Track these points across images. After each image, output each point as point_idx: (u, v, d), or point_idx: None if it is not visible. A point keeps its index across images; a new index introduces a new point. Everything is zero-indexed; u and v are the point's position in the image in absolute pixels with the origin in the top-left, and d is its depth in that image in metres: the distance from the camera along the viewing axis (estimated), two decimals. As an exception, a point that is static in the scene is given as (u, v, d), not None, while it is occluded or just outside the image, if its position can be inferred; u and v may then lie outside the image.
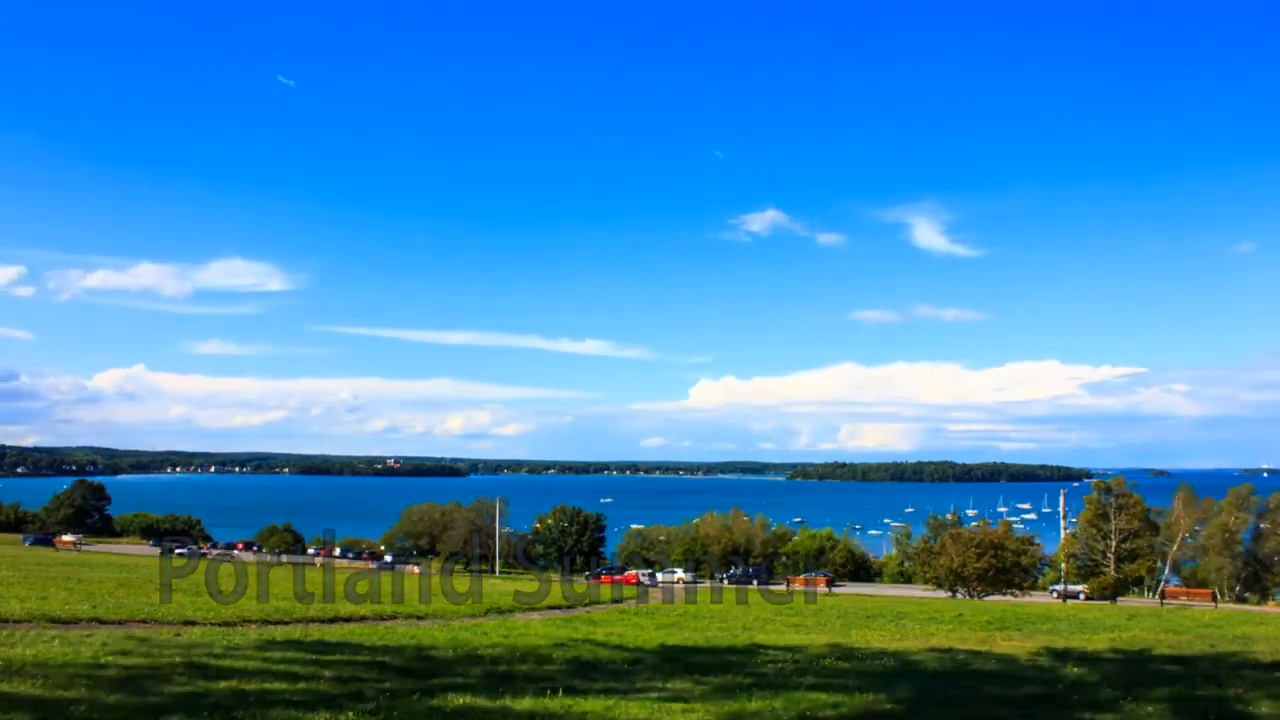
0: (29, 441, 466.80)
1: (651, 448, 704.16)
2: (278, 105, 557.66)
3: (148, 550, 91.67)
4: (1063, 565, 66.39)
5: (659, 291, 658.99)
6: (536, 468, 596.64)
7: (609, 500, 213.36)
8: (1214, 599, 60.60)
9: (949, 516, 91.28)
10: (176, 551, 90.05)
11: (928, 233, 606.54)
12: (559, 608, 33.33)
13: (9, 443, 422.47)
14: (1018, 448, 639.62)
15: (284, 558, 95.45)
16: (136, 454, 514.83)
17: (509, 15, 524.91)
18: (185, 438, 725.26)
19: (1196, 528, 75.42)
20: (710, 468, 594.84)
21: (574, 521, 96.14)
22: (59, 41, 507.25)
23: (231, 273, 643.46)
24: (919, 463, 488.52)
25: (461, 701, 10.02)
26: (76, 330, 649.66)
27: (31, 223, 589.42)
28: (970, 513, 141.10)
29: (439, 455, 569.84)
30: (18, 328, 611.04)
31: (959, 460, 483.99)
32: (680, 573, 79.17)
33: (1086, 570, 66.48)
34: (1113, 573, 64.19)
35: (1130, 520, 65.06)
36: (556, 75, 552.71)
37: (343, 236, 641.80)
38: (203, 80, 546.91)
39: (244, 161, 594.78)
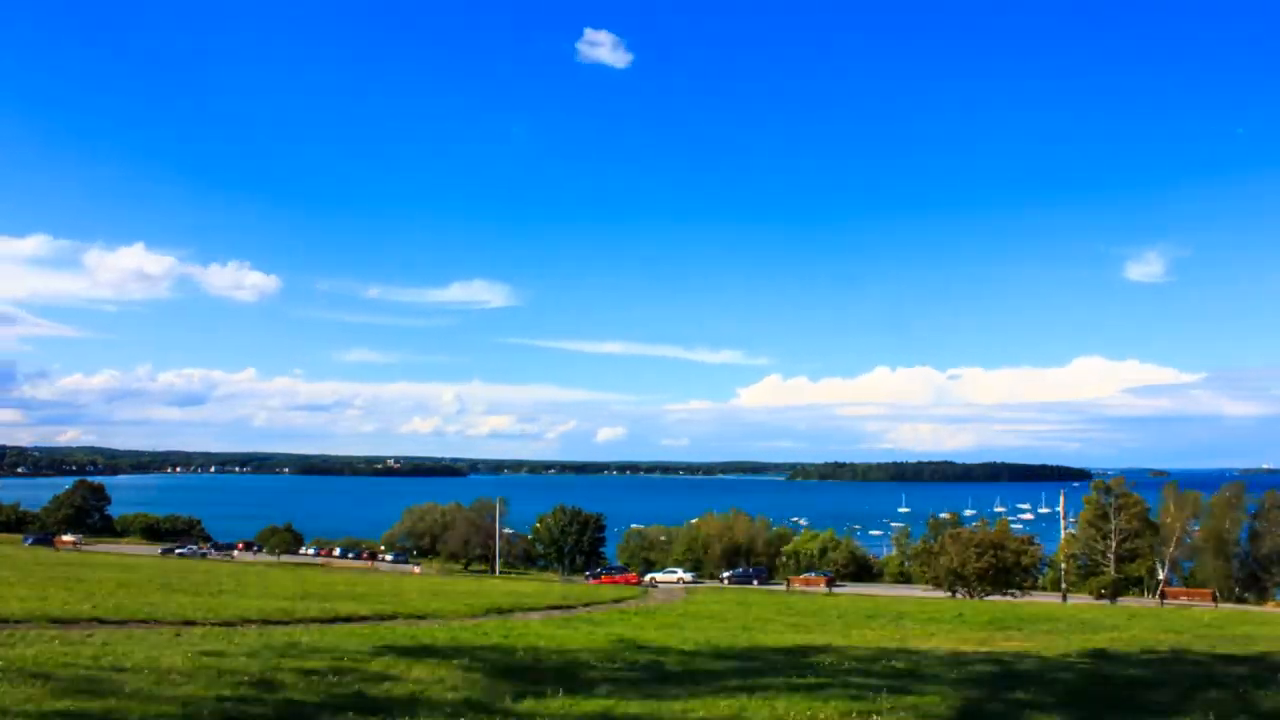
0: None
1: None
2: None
3: (148, 550, 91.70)
4: (1063, 565, 66.41)
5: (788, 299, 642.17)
6: (537, 468, 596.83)
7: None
8: (1214, 599, 60.59)
9: (948, 516, 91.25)
10: (177, 551, 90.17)
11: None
12: (559, 608, 33.34)
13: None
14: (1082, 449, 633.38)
15: (284, 557, 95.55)
16: (137, 454, 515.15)
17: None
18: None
19: (1191, 527, 75.37)
20: (710, 468, 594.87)
21: (574, 521, 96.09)
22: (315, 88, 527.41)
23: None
24: (919, 462, 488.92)
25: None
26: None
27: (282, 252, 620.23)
28: (969, 513, 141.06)
29: (439, 455, 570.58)
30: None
31: (959, 460, 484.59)
32: (680, 573, 79.21)
33: (1086, 570, 66.49)
34: (1113, 573, 64.18)
35: (1130, 520, 65.06)
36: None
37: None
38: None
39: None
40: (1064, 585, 64.63)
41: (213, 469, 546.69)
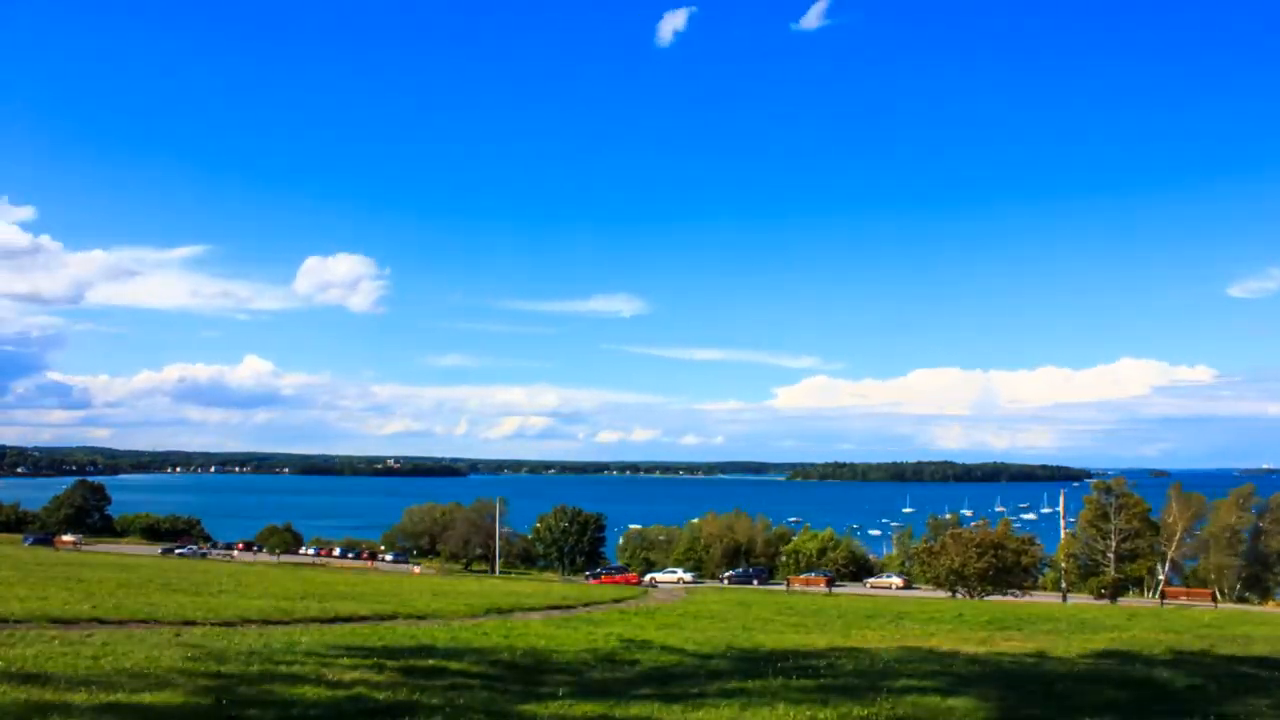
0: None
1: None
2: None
3: (148, 550, 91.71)
4: (1063, 565, 66.40)
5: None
6: (537, 468, 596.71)
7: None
8: (1214, 599, 60.60)
9: (949, 516, 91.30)
10: (177, 551, 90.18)
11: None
12: (559, 608, 33.33)
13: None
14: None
15: (284, 557, 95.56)
16: (137, 454, 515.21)
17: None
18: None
19: (1194, 527, 75.45)
20: (710, 467, 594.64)
21: (574, 521, 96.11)
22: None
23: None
24: (919, 462, 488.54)
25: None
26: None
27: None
28: (967, 513, 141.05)
29: (439, 455, 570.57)
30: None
31: (959, 461, 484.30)
32: (680, 573, 79.23)
33: (1087, 570, 66.52)
34: (1113, 573, 64.20)
35: (1130, 520, 65.07)
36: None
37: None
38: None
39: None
40: (1064, 585, 64.64)
41: (213, 469, 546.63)
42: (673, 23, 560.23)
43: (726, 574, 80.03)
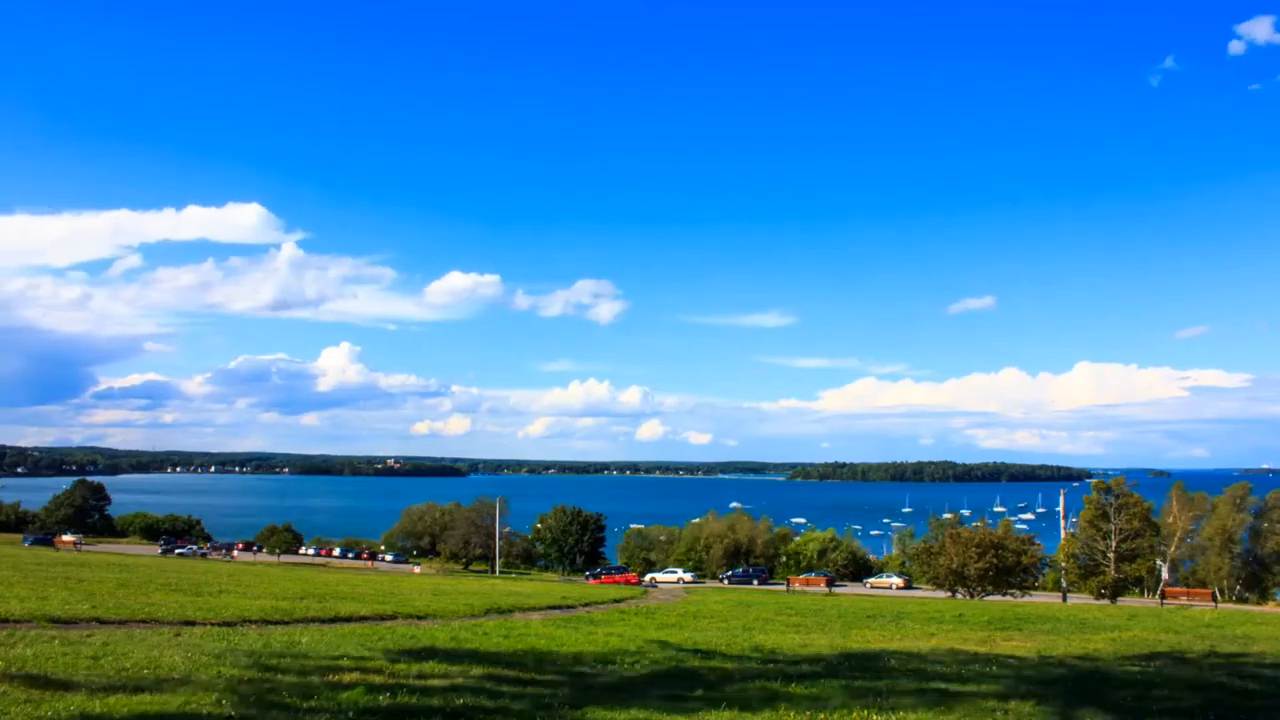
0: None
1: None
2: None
3: (148, 550, 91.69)
4: (1063, 565, 66.34)
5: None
6: (536, 468, 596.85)
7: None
8: (1214, 599, 60.56)
9: (949, 517, 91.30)
10: (177, 551, 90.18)
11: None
12: (559, 608, 33.32)
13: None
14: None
15: (284, 557, 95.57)
16: (137, 454, 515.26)
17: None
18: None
19: (1194, 527, 75.41)
20: (710, 468, 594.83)
21: (574, 521, 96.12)
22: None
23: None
24: (919, 462, 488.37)
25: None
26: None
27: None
28: (967, 513, 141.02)
29: (439, 455, 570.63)
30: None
31: (960, 461, 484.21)
32: (681, 573, 79.25)
33: (1087, 570, 66.44)
34: (1113, 573, 64.12)
35: (1130, 520, 64.89)
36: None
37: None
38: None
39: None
40: (1064, 585, 64.60)
41: (213, 469, 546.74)
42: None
43: (727, 574, 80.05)
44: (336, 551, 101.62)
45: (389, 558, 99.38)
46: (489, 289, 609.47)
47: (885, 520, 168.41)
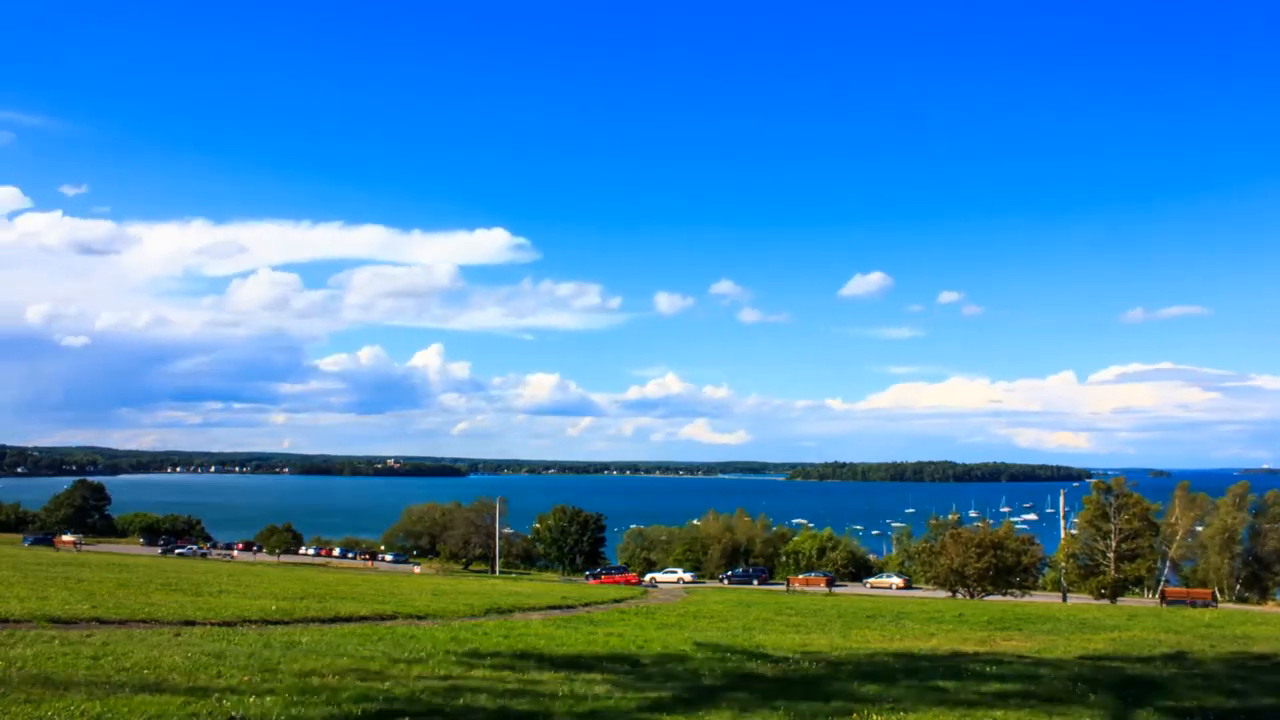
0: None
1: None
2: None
3: (148, 550, 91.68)
4: (1063, 565, 66.34)
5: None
6: (536, 468, 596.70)
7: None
8: (1214, 598, 60.57)
9: (950, 517, 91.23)
10: (177, 551, 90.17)
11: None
12: (559, 608, 33.31)
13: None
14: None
15: (284, 557, 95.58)
16: (136, 454, 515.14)
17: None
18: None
19: (1195, 527, 75.36)
20: (710, 468, 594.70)
21: (574, 521, 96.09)
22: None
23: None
24: (919, 462, 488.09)
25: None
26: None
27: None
28: (972, 514, 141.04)
29: (439, 455, 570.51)
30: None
31: (960, 461, 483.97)
32: (680, 573, 79.23)
33: (1087, 570, 66.44)
34: (1113, 573, 64.10)
35: (1130, 520, 64.86)
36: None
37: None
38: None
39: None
40: (1064, 585, 64.60)
41: (213, 469, 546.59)
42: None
43: (726, 574, 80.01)
44: (336, 551, 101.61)
45: (389, 558, 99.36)
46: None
47: (886, 520, 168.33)
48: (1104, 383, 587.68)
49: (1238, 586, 71.66)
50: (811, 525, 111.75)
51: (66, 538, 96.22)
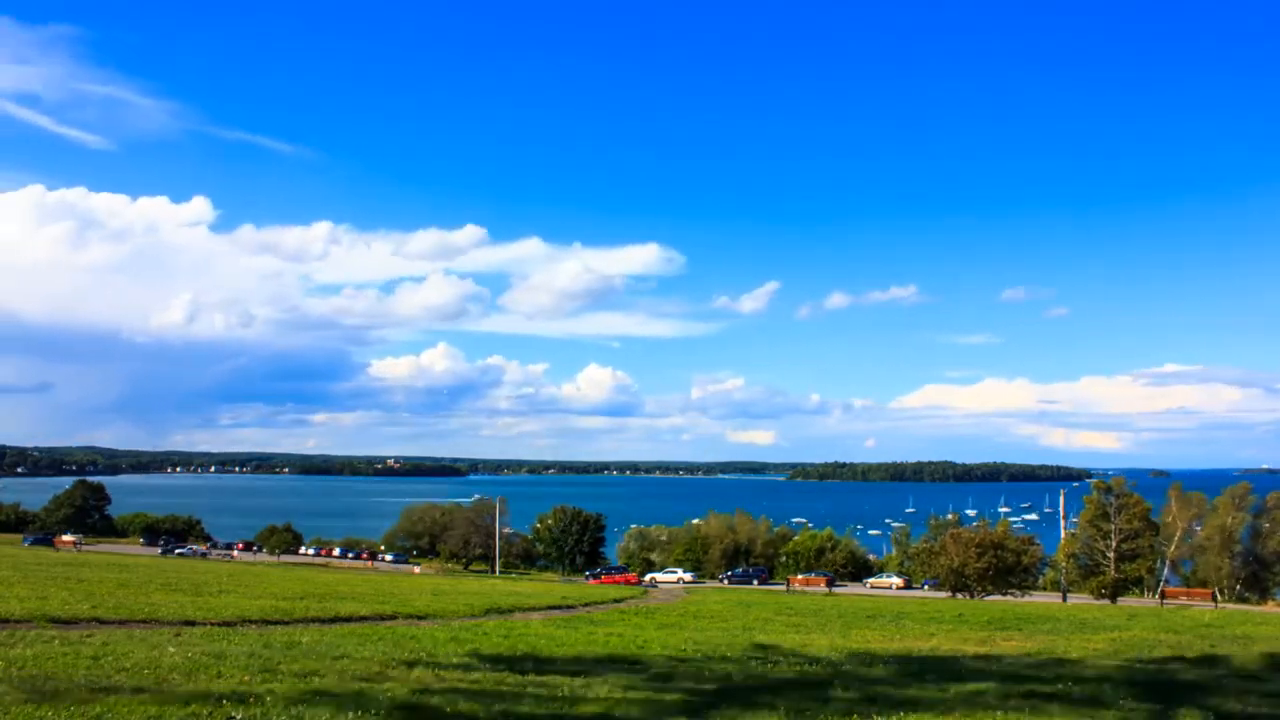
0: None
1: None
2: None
3: (148, 550, 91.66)
4: (1063, 565, 66.38)
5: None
6: (536, 468, 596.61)
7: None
8: (1214, 599, 60.59)
9: (950, 517, 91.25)
10: (177, 551, 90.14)
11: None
12: (559, 608, 33.32)
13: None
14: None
15: (284, 557, 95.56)
16: (136, 454, 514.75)
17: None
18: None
19: (1194, 526, 75.36)
20: (710, 468, 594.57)
21: (574, 521, 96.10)
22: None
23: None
24: (918, 462, 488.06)
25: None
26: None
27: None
28: (971, 513, 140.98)
29: (439, 455, 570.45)
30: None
31: (959, 461, 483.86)
32: (681, 573, 79.24)
33: (1087, 570, 66.49)
34: (1113, 573, 64.14)
35: (1130, 520, 64.92)
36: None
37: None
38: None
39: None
40: (1064, 585, 64.61)
41: (213, 469, 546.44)
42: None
43: (726, 574, 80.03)
44: (336, 552, 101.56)
45: (389, 558, 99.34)
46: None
47: (886, 520, 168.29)
48: (1145, 384, 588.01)
49: (1238, 587, 71.65)
50: (811, 525, 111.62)
51: (66, 538, 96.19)
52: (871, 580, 77.22)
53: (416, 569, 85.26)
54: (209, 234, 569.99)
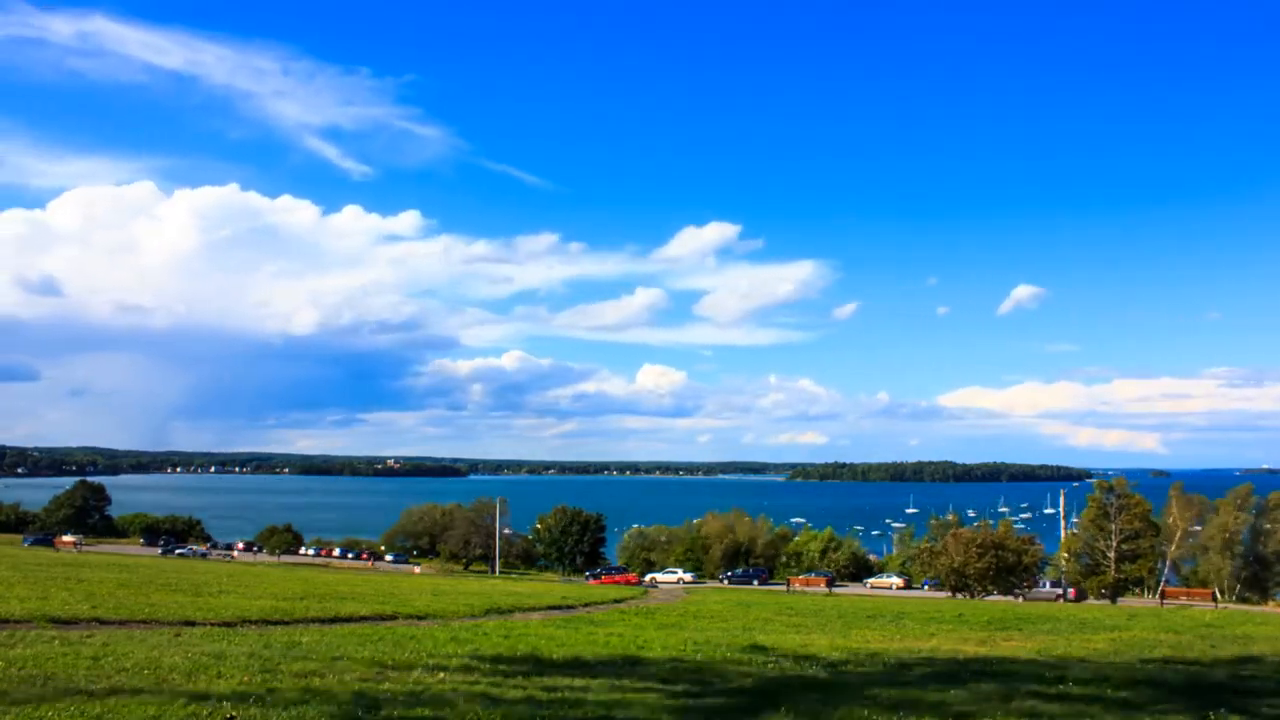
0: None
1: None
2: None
3: (148, 550, 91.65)
4: (1063, 565, 66.44)
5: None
6: (536, 468, 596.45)
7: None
8: (1214, 599, 60.59)
9: (950, 517, 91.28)
10: (177, 551, 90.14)
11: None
12: (559, 608, 33.32)
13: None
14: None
15: (284, 557, 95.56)
16: (137, 454, 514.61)
17: None
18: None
19: (1195, 527, 75.43)
20: (710, 468, 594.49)
21: (574, 522, 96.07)
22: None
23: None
24: (919, 462, 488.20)
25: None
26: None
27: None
28: (971, 513, 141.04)
29: (439, 455, 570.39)
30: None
31: (959, 461, 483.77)
32: (681, 573, 79.25)
33: (1087, 570, 66.57)
34: (1113, 573, 64.19)
35: (1131, 520, 65.01)
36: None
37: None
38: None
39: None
40: (1064, 585, 64.65)
41: (213, 469, 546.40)
42: None
43: (727, 574, 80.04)
44: (337, 552, 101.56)
45: (389, 558, 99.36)
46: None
47: (886, 520, 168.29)
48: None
49: (1238, 587, 71.67)
50: (811, 525, 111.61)
51: (67, 538, 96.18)
52: (872, 580, 77.24)
53: (417, 569, 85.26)
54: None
